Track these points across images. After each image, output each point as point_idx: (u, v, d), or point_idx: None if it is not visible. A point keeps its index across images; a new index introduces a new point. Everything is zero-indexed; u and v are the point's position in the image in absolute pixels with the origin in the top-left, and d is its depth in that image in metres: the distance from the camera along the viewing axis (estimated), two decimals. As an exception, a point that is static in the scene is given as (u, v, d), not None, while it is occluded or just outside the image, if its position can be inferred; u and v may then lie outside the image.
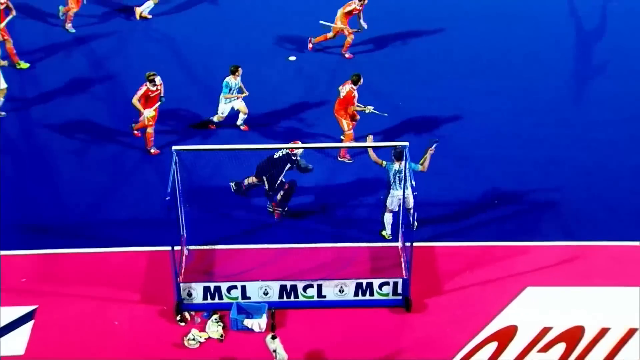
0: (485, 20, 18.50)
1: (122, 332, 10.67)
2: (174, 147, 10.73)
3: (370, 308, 11.10)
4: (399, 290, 11.05)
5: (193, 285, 10.94)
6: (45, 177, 13.79)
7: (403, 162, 11.14)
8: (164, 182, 10.58)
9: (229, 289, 10.99)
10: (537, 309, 11.02)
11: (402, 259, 11.51)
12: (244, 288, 10.99)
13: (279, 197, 12.47)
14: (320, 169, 12.91)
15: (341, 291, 11.11)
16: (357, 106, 13.74)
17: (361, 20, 16.70)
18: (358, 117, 14.16)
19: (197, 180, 12.26)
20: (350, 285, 11.06)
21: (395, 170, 11.56)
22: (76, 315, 10.93)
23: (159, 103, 13.67)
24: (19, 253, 11.94)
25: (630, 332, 10.56)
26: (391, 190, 11.67)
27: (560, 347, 10.44)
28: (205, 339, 10.60)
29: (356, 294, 11.11)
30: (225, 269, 11.50)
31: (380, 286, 11.05)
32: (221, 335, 10.62)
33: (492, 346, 10.51)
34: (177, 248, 10.94)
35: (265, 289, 11.04)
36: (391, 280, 11.06)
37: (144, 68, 14.20)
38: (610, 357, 10.32)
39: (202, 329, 10.74)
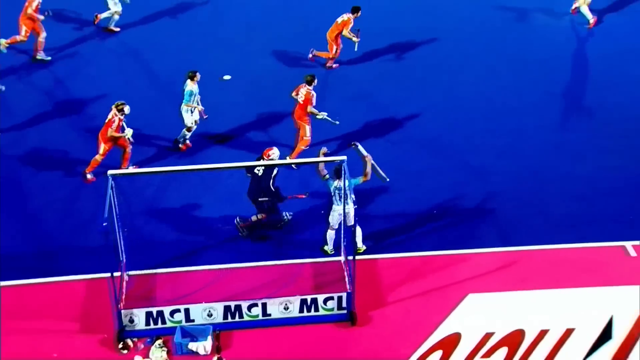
0: (411, 36, 18.90)
1: (61, 365, 10.45)
2: (109, 172, 10.67)
3: (316, 324, 11.20)
4: (344, 305, 11.16)
5: (134, 311, 10.81)
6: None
7: (343, 178, 11.31)
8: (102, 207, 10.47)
9: (172, 313, 10.89)
10: (479, 315, 11.34)
11: (346, 273, 11.64)
12: (187, 311, 10.92)
13: (253, 219, 12.57)
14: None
15: (286, 308, 11.17)
16: (312, 110, 14.00)
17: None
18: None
19: (135, 204, 12.24)
20: (295, 302, 11.12)
21: (334, 186, 11.73)
22: (14, 349, 10.69)
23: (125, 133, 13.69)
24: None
25: (568, 333, 10.98)
26: (333, 206, 11.82)
27: (503, 352, 10.77)
28: (149, 365, 10.44)
29: (301, 311, 11.18)
30: (168, 293, 11.44)
31: (325, 301, 11.15)
32: (165, 361, 10.51)
33: (438, 355, 10.74)
34: (116, 274, 10.80)
35: (209, 311, 11.00)
36: (335, 295, 11.16)
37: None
38: (549, 358, 10.70)
39: (146, 355, 10.61)
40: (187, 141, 14.53)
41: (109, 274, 10.37)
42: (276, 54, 18.07)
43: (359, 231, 11.96)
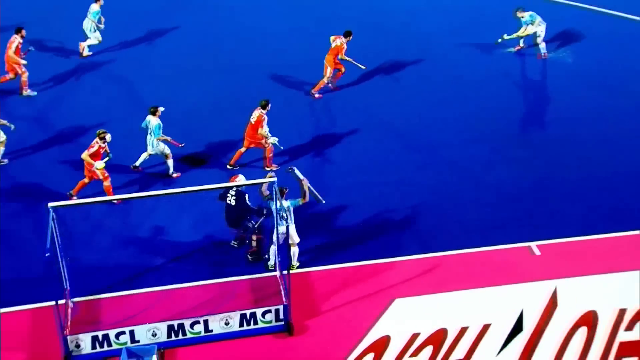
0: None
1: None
2: (50, 204, 11.02)
3: (255, 336, 11.87)
4: (281, 316, 11.89)
5: (80, 336, 11.22)
6: None
7: (281, 199, 12.16)
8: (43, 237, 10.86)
9: (117, 335, 11.36)
10: (406, 318, 12.31)
11: (281, 287, 12.37)
12: (132, 332, 11.40)
13: (254, 244, 13.36)
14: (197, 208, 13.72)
15: (227, 324, 11.78)
16: (261, 133, 15.24)
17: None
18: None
19: (77, 233, 12.67)
20: (235, 317, 11.77)
21: (274, 207, 12.55)
22: None
23: (107, 159, 14.48)
24: None
25: (485, 328, 12.04)
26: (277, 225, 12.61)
27: (428, 350, 11.73)
28: (97, 387, 10.85)
29: (241, 325, 11.83)
30: (112, 317, 11.87)
31: (263, 314, 11.85)
32: (113, 382, 10.92)
33: (370, 357, 11.60)
34: (61, 302, 11.18)
35: (154, 331, 11.51)
36: (273, 308, 11.88)
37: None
38: (470, 352, 11.75)
39: None
40: (174, 173, 15.49)
41: (53, 302, 10.73)
42: (245, 80, 19.11)
43: (295, 249, 12.83)
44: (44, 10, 22.62)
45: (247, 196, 13.20)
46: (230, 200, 13.15)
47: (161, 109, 15.25)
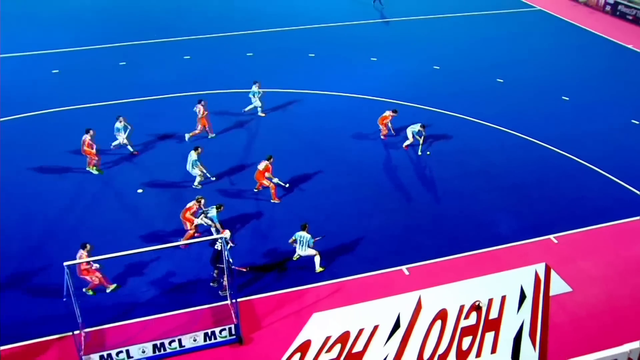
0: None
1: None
2: (65, 263, 14.34)
3: (216, 347, 15.22)
4: (233, 332, 15.34)
5: (92, 356, 14.69)
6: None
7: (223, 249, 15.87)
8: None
9: (118, 354, 14.83)
10: (321, 326, 15.65)
11: (233, 312, 15.74)
12: (128, 351, 14.85)
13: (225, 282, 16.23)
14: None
15: (195, 340, 15.17)
16: (268, 176, 20.10)
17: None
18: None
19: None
20: (200, 335, 15.19)
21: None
22: None
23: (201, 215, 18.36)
24: None
25: (376, 328, 15.57)
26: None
27: (338, 347, 15.14)
28: (105, 392, 14.35)
29: (205, 340, 15.22)
30: (113, 340, 15.26)
31: (221, 332, 15.29)
32: (116, 387, 14.46)
33: (298, 356, 14.97)
34: (77, 332, 14.72)
35: (143, 349, 14.92)
36: (227, 327, 15.29)
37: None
38: (367, 345, 15.13)
39: None
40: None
41: (71, 332, 14.36)
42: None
43: (317, 257, 16.67)
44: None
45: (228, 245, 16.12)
46: (217, 247, 16.32)
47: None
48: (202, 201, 18.37)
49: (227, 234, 16.78)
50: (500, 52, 33.93)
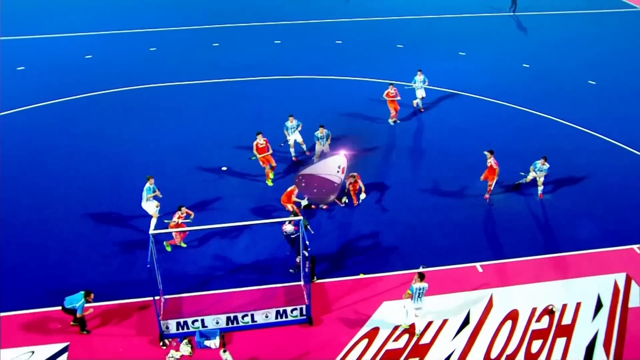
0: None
1: (124, 356, 14.95)
2: (151, 232, 15.29)
3: (287, 326, 15.57)
4: (304, 313, 15.63)
5: (169, 321, 15.32)
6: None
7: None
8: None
9: (193, 322, 15.38)
10: (391, 315, 15.80)
11: (305, 292, 16.08)
12: (203, 320, 15.37)
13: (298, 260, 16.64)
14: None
15: (267, 317, 15.51)
16: (294, 199, 18.95)
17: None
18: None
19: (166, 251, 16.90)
20: (272, 312, 15.51)
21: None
22: (89, 347, 14.97)
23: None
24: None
25: (445, 322, 15.57)
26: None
27: (405, 337, 15.16)
28: (180, 356, 14.86)
29: (277, 317, 15.56)
30: (190, 309, 15.81)
31: (292, 311, 15.58)
32: (190, 353, 14.90)
33: (365, 342, 15.03)
34: (157, 297, 15.38)
35: (217, 320, 15.39)
36: (299, 307, 15.58)
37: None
38: (434, 338, 15.19)
39: (178, 349, 14.97)
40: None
41: (152, 297, 15.03)
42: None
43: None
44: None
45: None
46: (286, 233, 16.78)
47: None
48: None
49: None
50: (595, 53, 32.86)
